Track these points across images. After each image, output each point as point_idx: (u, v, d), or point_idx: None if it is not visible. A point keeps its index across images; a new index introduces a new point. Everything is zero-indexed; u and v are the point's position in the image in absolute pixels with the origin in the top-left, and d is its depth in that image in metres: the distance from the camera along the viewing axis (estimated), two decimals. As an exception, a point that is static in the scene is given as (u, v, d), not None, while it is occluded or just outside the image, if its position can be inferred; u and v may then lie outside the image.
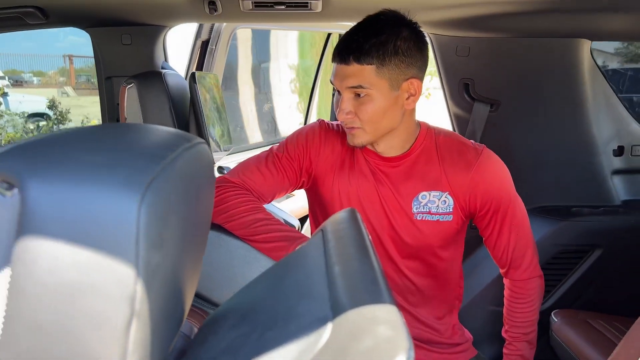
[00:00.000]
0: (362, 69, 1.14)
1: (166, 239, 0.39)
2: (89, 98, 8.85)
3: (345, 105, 1.18)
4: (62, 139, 0.41)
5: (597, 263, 1.87)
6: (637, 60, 2.97)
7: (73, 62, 9.21)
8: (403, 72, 1.16)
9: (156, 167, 0.39)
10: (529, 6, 1.48)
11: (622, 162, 1.97)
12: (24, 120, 5.89)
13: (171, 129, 0.54)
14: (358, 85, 1.15)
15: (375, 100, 1.16)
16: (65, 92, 9.01)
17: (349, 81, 1.16)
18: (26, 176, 0.35)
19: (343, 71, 1.16)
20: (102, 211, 0.35)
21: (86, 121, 5.50)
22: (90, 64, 9.64)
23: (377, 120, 1.18)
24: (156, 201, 0.37)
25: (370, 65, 1.13)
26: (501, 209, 1.27)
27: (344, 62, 1.15)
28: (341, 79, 1.17)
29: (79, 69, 9.63)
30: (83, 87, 9.29)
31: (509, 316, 1.38)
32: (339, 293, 0.43)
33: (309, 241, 0.61)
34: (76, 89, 9.17)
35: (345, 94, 1.18)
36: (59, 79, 9.31)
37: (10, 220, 0.35)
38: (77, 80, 9.35)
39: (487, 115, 1.87)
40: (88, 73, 9.62)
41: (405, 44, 1.16)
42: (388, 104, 1.17)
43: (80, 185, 0.35)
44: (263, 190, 1.31)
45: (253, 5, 1.57)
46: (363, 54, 1.13)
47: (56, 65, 9.66)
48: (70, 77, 9.26)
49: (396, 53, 1.14)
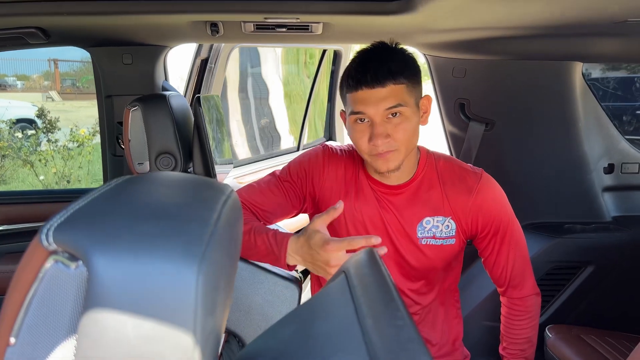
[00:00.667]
0: (398, 89, 1.16)
1: (217, 303, 0.41)
2: (75, 103, 8.77)
3: (382, 129, 1.17)
4: (112, 206, 0.42)
5: (589, 279, 1.92)
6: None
7: (58, 66, 9.14)
8: (420, 89, 1.22)
9: (206, 233, 0.41)
10: (524, 31, 1.53)
11: (613, 180, 2.03)
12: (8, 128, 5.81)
13: (203, 178, 0.56)
14: (397, 104, 1.16)
15: (410, 118, 1.18)
16: (50, 96, 8.92)
17: (387, 102, 1.15)
18: (92, 251, 0.36)
19: (377, 95, 1.15)
20: (163, 283, 0.37)
21: (75, 130, 5.45)
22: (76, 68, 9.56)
23: (411, 139, 1.20)
24: (210, 269, 0.39)
25: (402, 84, 1.16)
26: (500, 230, 1.31)
27: (378, 84, 1.14)
28: (376, 103, 1.15)
29: (64, 72, 9.55)
30: (68, 92, 9.21)
31: (507, 334, 1.41)
32: (377, 349, 0.45)
33: (334, 284, 0.63)
34: (61, 94, 9.08)
35: (379, 118, 1.17)
36: (43, 83, 9.22)
37: (75, 292, 0.37)
38: (62, 85, 9.27)
39: (482, 134, 1.91)
40: (73, 77, 9.54)
41: (416, 64, 1.21)
42: (417, 121, 1.21)
43: (141, 258, 0.37)
44: (265, 211, 1.32)
45: (255, 28, 1.59)
46: (397, 74, 1.15)
47: (41, 69, 9.55)
48: (56, 81, 9.18)
49: (417, 71, 1.20)
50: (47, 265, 0.38)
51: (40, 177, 5.24)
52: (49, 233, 0.38)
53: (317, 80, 2.90)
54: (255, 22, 1.55)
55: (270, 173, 1.39)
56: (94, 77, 1.84)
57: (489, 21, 1.40)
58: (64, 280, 0.37)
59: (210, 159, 1.42)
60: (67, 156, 5.26)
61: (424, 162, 1.31)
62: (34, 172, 5.22)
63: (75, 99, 9.06)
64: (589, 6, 1.22)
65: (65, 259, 0.37)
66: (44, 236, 0.38)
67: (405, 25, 1.50)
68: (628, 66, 2.82)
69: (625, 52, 1.71)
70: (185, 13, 1.44)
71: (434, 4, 1.22)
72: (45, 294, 0.38)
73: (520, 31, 1.52)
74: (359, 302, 0.55)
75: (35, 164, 5.24)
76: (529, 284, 1.37)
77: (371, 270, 0.62)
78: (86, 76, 8.80)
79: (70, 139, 5.33)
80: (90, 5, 1.40)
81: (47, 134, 5.39)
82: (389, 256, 1.32)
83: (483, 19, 1.37)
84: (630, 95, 2.62)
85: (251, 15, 1.47)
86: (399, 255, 1.32)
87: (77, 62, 9.17)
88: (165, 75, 1.86)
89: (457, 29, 1.53)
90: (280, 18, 1.49)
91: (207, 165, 1.45)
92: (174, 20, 1.52)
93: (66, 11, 1.40)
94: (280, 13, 1.45)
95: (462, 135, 1.95)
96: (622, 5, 1.20)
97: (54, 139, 5.40)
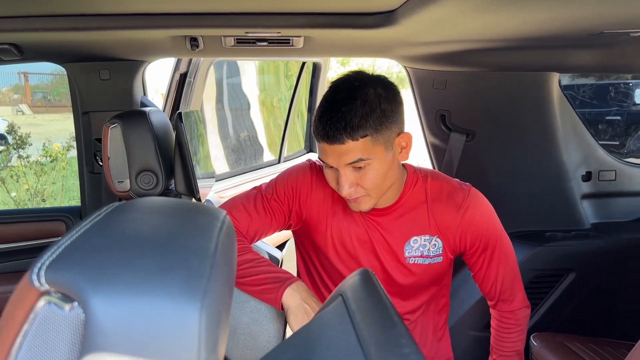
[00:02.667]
0: (358, 144, 1.10)
1: (219, 339, 0.39)
2: (46, 116, 8.60)
3: (346, 180, 1.14)
4: (107, 239, 0.40)
5: (571, 286, 1.94)
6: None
7: (28, 79, 8.96)
8: (393, 131, 1.15)
9: (206, 265, 0.40)
10: (503, 43, 1.55)
11: (591, 187, 2.06)
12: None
13: (194, 203, 0.54)
14: (358, 159, 1.12)
15: (376, 167, 1.14)
16: (20, 110, 8.73)
17: (347, 158, 1.12)
18: (88, 291, 0.34)
19: (337, 150, 1.11)
20: (165, 323, 0.35)
21: (48, 144, 5.32)
22: (47, 81, 9.39)
23: (380, 184, 1.17)
24: (213, 304, 0.37)
25: (364, 137, 1.10)
26: (490, 246, 1.31)
27: (336, 141, 1.10)
28: (337, 157, 1.12)
29: (35, 85, 9.36)
30: (39, 105, 9.03)
31: (497, 346, 1.41)
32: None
33: (331, 308, 0.61)
34: (32, 107, 8.90)
35: (344, 170, 1.14)
36: (13, 96, 9.02)
37: (70, 335, 0.35)
38: (32, 98, 9.07)
39: (463, 145, 1.92)
40: (44, 90, 9.36)
41: (387, 103, 1.13)
42: (387, 166, 1.16)
43: (141, 297, 0.35)
44: (250, 230, 1.30)
45: (235, 42, 1.57)
46: (355, 130, 1.09)
47: (10, 83, 9.35)
48: (26, 94, 9.00)
49: (385, 116, 1.12)
50: (38, 306, 0.36)
51: (12, 193, 5.10)
52: (40, 273, 0.36)
53: (296, 93, 2.89)
54: (236, 37, 1.53)
55: (255, 188, 1.36)
56: (70, 93, 1.79)
57: (468, 34, 1.41)
58: (57, 322, 0.35)
59: (192, 175, 1.40)
60: (40, 172, 5.14)
61: (410, 183, 1.29)
62: (5, 189, 5.08)
63: (47, 112, 8.89)
64: (566, 19, 1.24)
65: (59, 299, 0.35)
66: (34, 276, 0.36)
67: (385, 38, 1.50)
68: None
69: (600, 62, 1.74)
70: (164, 28, 1.42)
71: (414, 18, 1.22)
72: (37, 337, 0.36)
73: (499, 43, 1.54)
74: (359, 328, 0.54)
75: (6, 180, 5.10)
76: (519, 297, 1.38)
77: (369, 294, 0.61)
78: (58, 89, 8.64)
79: (43, 154, 5.20)
80: (65, 22, 1.36)
81: (17, 150, 5.25)
82: (376, 274, 1.31)
83: (462, 32, 1.38)
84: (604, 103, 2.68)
85: (232, 29, 1.45)
86: (386, 274, 1.31)
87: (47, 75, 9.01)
88: (144, 91, 1.83)
89: (437, 41, 1.54)
90: (261, 32, 1.48)
91: (189, 182, 1.42)
92: (153, 35, 1.49)
93: (41, 27, 1.36)
94: (261, 27, 1.43)
95: (443, 146, 1.96)
96: (598, 17, 1.23)
97: (25, 154, 5.26)
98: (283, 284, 1.18)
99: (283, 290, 1.16)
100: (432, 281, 1.34)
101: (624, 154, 2.51)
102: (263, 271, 1.21)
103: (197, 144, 1.54)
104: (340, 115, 1.10)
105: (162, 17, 1.38)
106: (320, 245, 1.32)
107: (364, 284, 0.63)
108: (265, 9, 1.33)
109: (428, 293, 1.36)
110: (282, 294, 1.16)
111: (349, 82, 1.15)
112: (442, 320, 1.44)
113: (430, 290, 1.36)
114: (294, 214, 1.33)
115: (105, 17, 1.37)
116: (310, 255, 1.39)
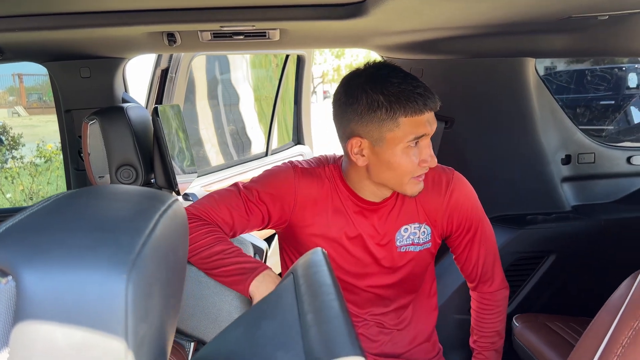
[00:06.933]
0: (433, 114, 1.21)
1: (151, 309, 0.43)
2: (42, 117, 8.60)
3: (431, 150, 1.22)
4: (45, 221, 0.43)
5: (552, 267, 1.98)
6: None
7: (23, 81, 8.96)
8: None
9: (138, 242, 0.43)
10: (475, 30, 1.57)
11: (570, 170, 2.10)
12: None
13: (144, 190, 0.57)
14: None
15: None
16: (16, 112, 8.74)
17: (435, 125, 1.21)
18: (21, 267, 0.38)
19: (430, 118, 1.19)
20: (93, 293, 0.38)
21: (42, 145, 5.34)
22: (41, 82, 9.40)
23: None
24: (141, 277, 0.41)
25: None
26: (472, 227, 1.35)
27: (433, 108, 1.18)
28: (431, 124, 1.19)
29: (30, 87, 9.36)
30: (35, 106, 9.03)
31: (478, 327, 1.45)
32: (313, 344, 0.47)
33: (282, 285, 0.65)
34: (27, 108, 8.91)
35: (429, 139, 1.21)
36: (8, 98, 9.02)
37: (5, 306, 0.38)
38: (28, 99, 9.08)
39: (442, 132, 1.95)
40: (39, 91, 9.36)
41: None
42: None
43: (70, 271, 0.38)
44: (227, 226, 1.28)
45: (212, 36, 1.60)
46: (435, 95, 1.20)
47: (5, 85, 9.34)
48: (21, 96, 9.00)
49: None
50: (-23, 281, 0.39)
51: (7, 195, 5.13)
52: (-21, 251, 0.39)
53: (281, 85, 2.92)
54: (212, 31, 1.56)
55: (233, 185, 1.33)
56: (52, 92, 1.82)
57: (438, 22, 1.44)
58: (-6, 295, 0.38)
59: (171, 169, 1.43)
60: (35, 172, 5.16)
61: None
62: (0, 191, 5.11)
63: (42, 113, 8.89)
64: (533, 3, 1.26)
65: (-4, 275, 0.38)
66: (-26, 254, 0.39)
67: (359, 28, 1.52)
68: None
69: (573, 47, 1.77)
70: (140, 24, 1.44)
71: (383, 7, 1.24)
72: (-24, 310, 0.39)
73: (471, 30, 1.57)
74: (301, 300, 0.57)
75: (1, 181, 5.13)
76: (498, 278, 1.42)
77: (317, 269, 0.64)
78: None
79: (37, 154, 5.23)
80: (44, 20, 1.39)
81: (11, 152, 5.28)
82: (369, 266, 1.34)
83: (432, 20, 1.40)
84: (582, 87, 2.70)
85: (207, 24, 1.48)
86: (379, 265, 1.34)
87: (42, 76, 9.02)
88: (125, 87, 1.85)
89: (410, 30, 1.57)
90: (236, 26, 1.50)
91: (168, 175, 1.45)
92: (130, 31, 1.52)
93: (19, 27, 1.39)
94: (235, 21, 1.46)
95: (423, 133, 1.99)
96: (564, 2, 1.25)
97: (19, 155, 5.28)
98: (251, 275, 1.18)
99: (250, 281, 1.17)
100: (423, 267, 1.38)
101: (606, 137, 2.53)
102: (233, 262, 1.20)
103: (176, 138, 1.57)
104: (420, 82, 1.19)
105: (138, 13, 1.40)
106: (307, 245, 1.32)
107: (315, 261, 0.66)
108: (240, 3, 1.35)
109: (420, 279, 1.40)
110: (249, 285, 1.17)
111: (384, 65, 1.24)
112: (433, 302, 1.48)
113: (421, 276, 1.41)
114: (274, 218, 1.30)
115: (83, 15, 1.39)
116: (296, 255, 1.39)
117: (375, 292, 1.37)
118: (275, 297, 0.63)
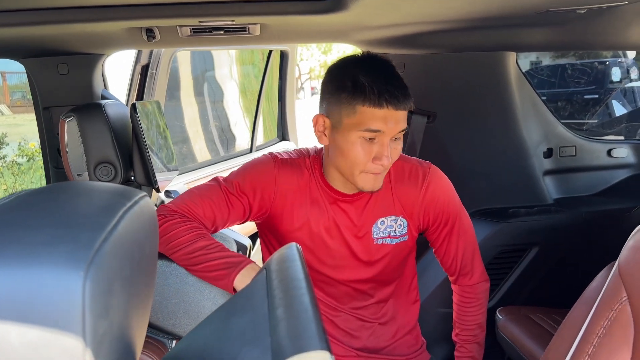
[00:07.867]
0: (405, 114, 1.18)
1: (112, 306, 0.42)
2: (26, 116, 8.49)
3: (389, 151, 1.17)
4: (4, 219, 0.42)
5: (534, 260, 1.99)
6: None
7: (6, 79, 8.85)
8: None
9: (98, 238, 0.42)
10: (454, 24, 1.57)
11: (552, 163, 2.11)
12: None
13: (111, 186, 0.56)
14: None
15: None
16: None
17: (400, 126, 1.17)
18: None
19: (396, 117, 1.15)
20: (48, 290, 0.37)
21: (24, 143, 5.28)
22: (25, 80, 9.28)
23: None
24: (100, 274, 0.40)
25: (406, 110, 1.17)
26: (450, 220, 1.36)
27: (401, 107, 1.15)
28: (395, 124, 1.15)
29: (13, 85, 9.23)
30: (18, 105, 8.92)
31: (459, 320, 1.46)
32: (281, 339, 0.46)
33: (255, 280, 0.64)
34: (11, 107, 8.79)
35: (387, 139, 1.17)
36: (-10, 97, 8.90)
37: (-43, 306, 0.37)
38: (11, 98, 8.97)
39: (424, 126, 1.96)
40: (23, 89, 9.24)
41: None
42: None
43: (25, 268, 0.37)
44: (209, 221, 1.28)
45: (191, 31, 1.59)
46: (408, 100, 1.16)
47: (-14, 84, 9.19)
48: (4, 94, 8.89)
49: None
50: None
51: (-11, 194, 5.06)
52: None
53: (265, 82, 2.90)
54: (191, 26, 1.54)
55: (213, 179, 1.33)
56: (30, 89, 1.80)
57: (418, 16, 1.44)
58: (-53, 294, 0.37)
59: (150, 166, 1.41)
60: (18, 172, 5.10)
61: None
62: (-17, 191, 5.04)
63: (26, 112, 8.78)
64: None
65: (-52, 273, 0.37)
66: None
67: (339, 23, 1.52)
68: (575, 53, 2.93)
69: (553, 40, 1.78)
70: (119, 20, 1.42)
71: (362, 1, 1.24)
72: None
73: (451, 24, 1.57)
74: (272, 295, 0.56)
75: (-17, 181, 5.06)
76: (478, 271, 1.43)
77: (290, 264, 0.63)
78: (36, 88, 8.50)
79: (19, 153, 5.16)
80: (20, 16, 1.36)
81: (-6, 151, 5.21)
82: (346, 259, 1.34)
83: (411, 14, 1.40)
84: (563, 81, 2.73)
85: (186, 19, 1.46)
86: (357, 260, 1.34)
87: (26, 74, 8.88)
88: (105, 84, 1.83)
89: (390, 25, 1.56)
90: (215, 21, 1.49)
91: (147, 173, 1.43)
92: (108, 27, 1.50)
93: (-6, 23, 1.36)
94: (215, 16, 1.44)
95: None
96: (541, -5, 1.26)
97: (1, 154, 5.21)
98: (235, 269, 1.17)
99: (235, 275, 1.16)
100: (400, 261, 1.38)
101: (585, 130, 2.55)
102: (215, 257, 1.19)
103: (156, 135, 1.55)
104: (399, 82, 1.16)
105: (116, 8, 1.38)
106: (287, 237, 1.32)
107: (288, 256, 0.65)
108: None
109: (397, 272, 1.40)
110: (234, 278, 1.16)
111: (375, 56, 1.22)
112: (413, 295, 1.48)
113: (399, 269, 1.41)
114: (255, 209, 1.30)
115: (60, 11, 1.37)
116: (275, 247, 1.39)
117: (353, 287, 1.37)
118: (247, 292, 0.63)
